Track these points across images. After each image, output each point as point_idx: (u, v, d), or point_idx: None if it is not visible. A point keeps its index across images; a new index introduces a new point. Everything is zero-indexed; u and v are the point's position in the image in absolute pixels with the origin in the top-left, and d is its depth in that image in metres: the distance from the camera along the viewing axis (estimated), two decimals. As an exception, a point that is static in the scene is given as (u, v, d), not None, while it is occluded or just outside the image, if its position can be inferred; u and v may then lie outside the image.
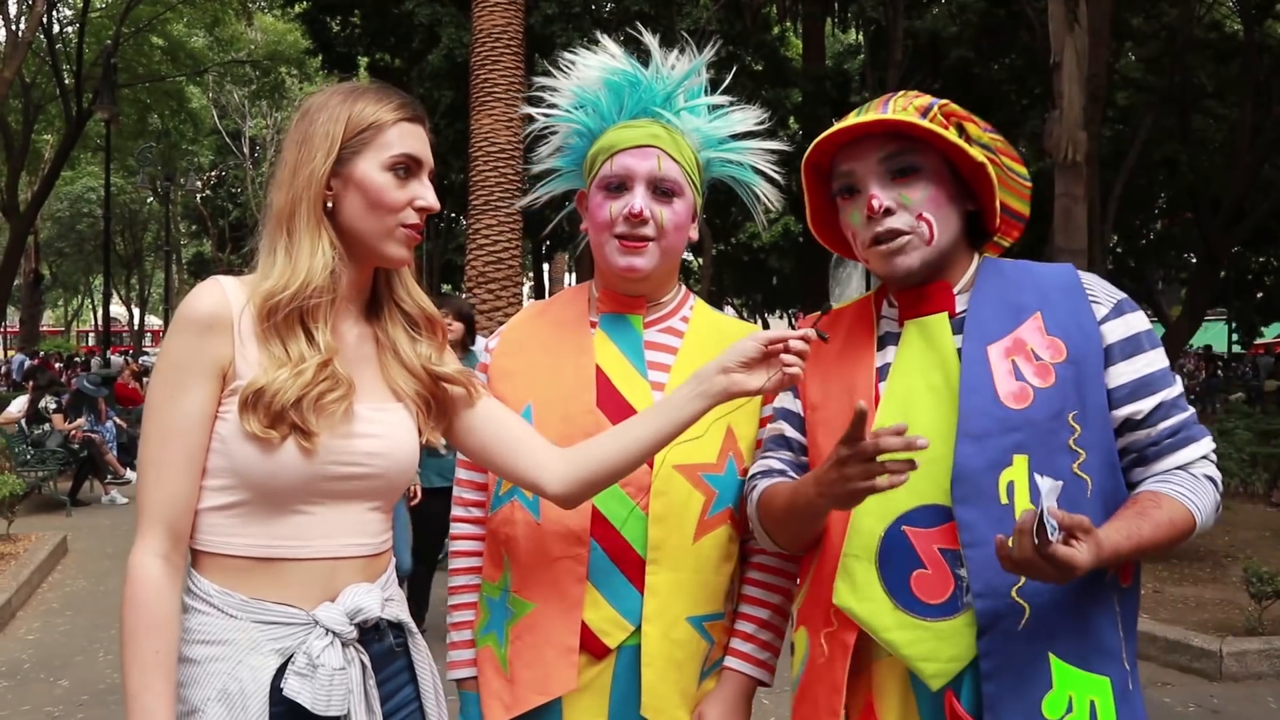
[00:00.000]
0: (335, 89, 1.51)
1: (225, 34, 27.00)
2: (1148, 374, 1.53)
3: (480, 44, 13.60)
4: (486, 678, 1.74)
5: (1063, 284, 1.59)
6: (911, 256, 1.56)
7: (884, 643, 1.51)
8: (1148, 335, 1.56)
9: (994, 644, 1.45)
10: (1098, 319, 1.55)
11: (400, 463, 1.50)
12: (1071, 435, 1.49)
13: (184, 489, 1.38)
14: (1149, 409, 1.52)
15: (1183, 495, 1.48)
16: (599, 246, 1.75)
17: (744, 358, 1.52)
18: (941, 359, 1.56)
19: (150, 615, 1.34)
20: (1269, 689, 5.15)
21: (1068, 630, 1.47)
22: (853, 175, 1.60)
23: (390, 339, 1.54)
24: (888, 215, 1.56)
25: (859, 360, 1.64)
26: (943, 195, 1.58)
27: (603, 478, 1.56)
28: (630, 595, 1.67)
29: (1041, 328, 1.55)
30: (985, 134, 1.62)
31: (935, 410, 1.53)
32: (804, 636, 1.63)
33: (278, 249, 1.45)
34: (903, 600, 1.50)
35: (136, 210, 38.80)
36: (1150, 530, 1.42)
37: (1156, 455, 1.52)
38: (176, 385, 1.38)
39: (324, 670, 1.37)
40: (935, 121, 1.57)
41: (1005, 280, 1.61)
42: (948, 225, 1.59)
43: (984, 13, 19.05)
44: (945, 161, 1.59)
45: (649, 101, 1.75)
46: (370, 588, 1.46)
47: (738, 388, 1.52)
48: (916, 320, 1.61)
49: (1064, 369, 1.51)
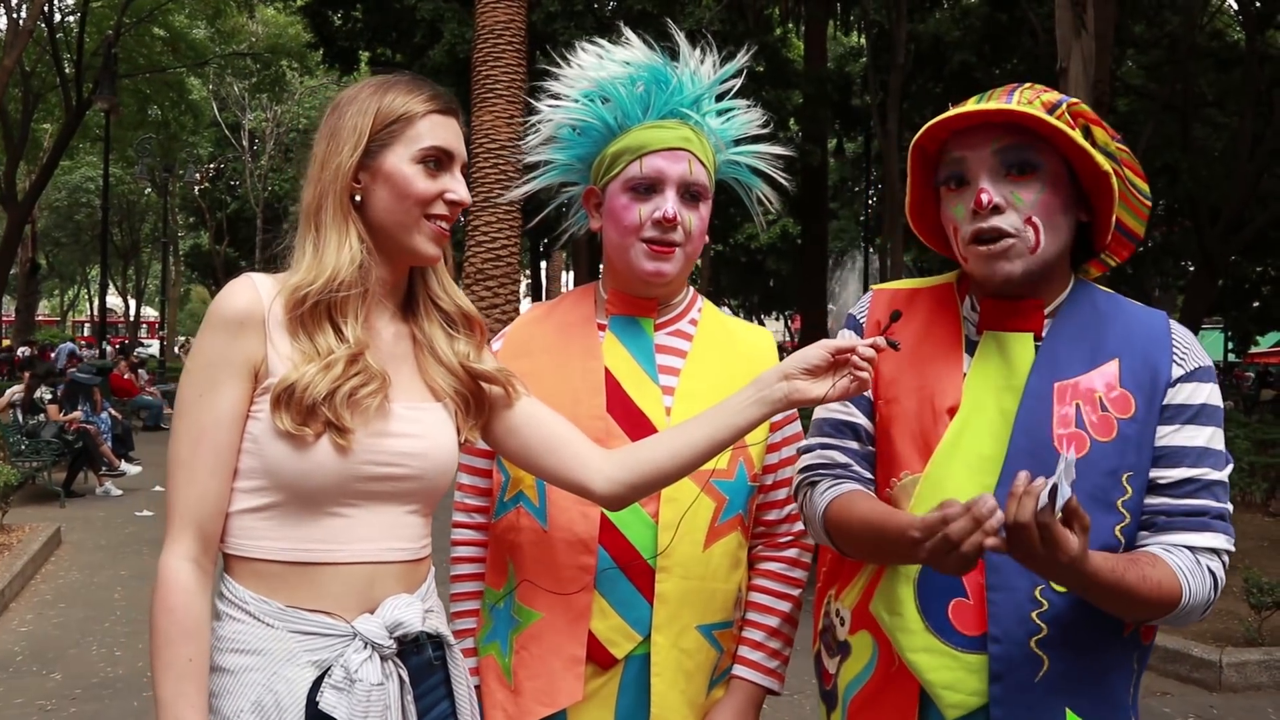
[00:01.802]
0: (368, 81, 1.48)
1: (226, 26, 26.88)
2: (1189, 445, 1.44)
3: (482, 40, 13.59)
4: (490, 688, 1.71)
5: (1151, 333, 1.49)
6: (1015, 263, 1.44)
7: (908, 662, 1.46)
8: (1210, 410, 1.46)
9: (1007, 692, 1.40)
10: (1172, 378, 1.45)
11: (439, 464, 1.45)
12: (1122, 496, 1.42)
13: (215, 490, 1.35)
14: (1175, 479, 1.43)
15: (1180, 569, 1.39)
16: (623, 249, 1.70)
17: (808, 364, 1.46)
18: (1016, 384, 1.47)
19: (183, 621, 1.31)
20: (1269, 700, 5.14)
21: (1086, 686, 1.43)
22: (964, 164, 1.47)
23: (427, 336, 1.50)
24: (995, 213, 1.44)
25: (945, 362, 1.53)
26: (1057, 201, 1.46)
27: (653, 481, 1.51)
28: (639, 604, 1.64)
29: (1115, 378, 1.45)
30: (1112, 142, 1.50)
31: (1003, 439, 1.45)
32: (868, 640, 1.55)
33: (306, 244, 1.42)
34: (936, 624, 1.44)
35: (134, 201, 38.72)
36: (1135, 579, 1.34)
37: (1167, 526, 1.43)
38: (208, 384, 1.35)
39: (362, 685, 1.33)
40: (1062, 120, 1.44)
41: (1095, 314, 1.51)
42: (1056, 235, 1.46)
43: (987, 17, 19.04)
44: (1065, 165, 1.47)
45: (679, 103, 1.71)
46: (410, 599, 1.42)
47: (799, 395, 1.47)
48: (996, 335, 1.51)
49: (1128, 426, 1.43)
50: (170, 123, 27.23)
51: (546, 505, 1.66)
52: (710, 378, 1.71)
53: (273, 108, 35.01)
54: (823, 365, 1.46)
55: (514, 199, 2.17)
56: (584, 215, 1.83)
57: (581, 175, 1.82)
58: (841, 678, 1.60)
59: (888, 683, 1.52)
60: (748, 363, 1.72)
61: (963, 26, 19.57)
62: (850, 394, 1.45)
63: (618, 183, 1.70)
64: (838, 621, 1.62)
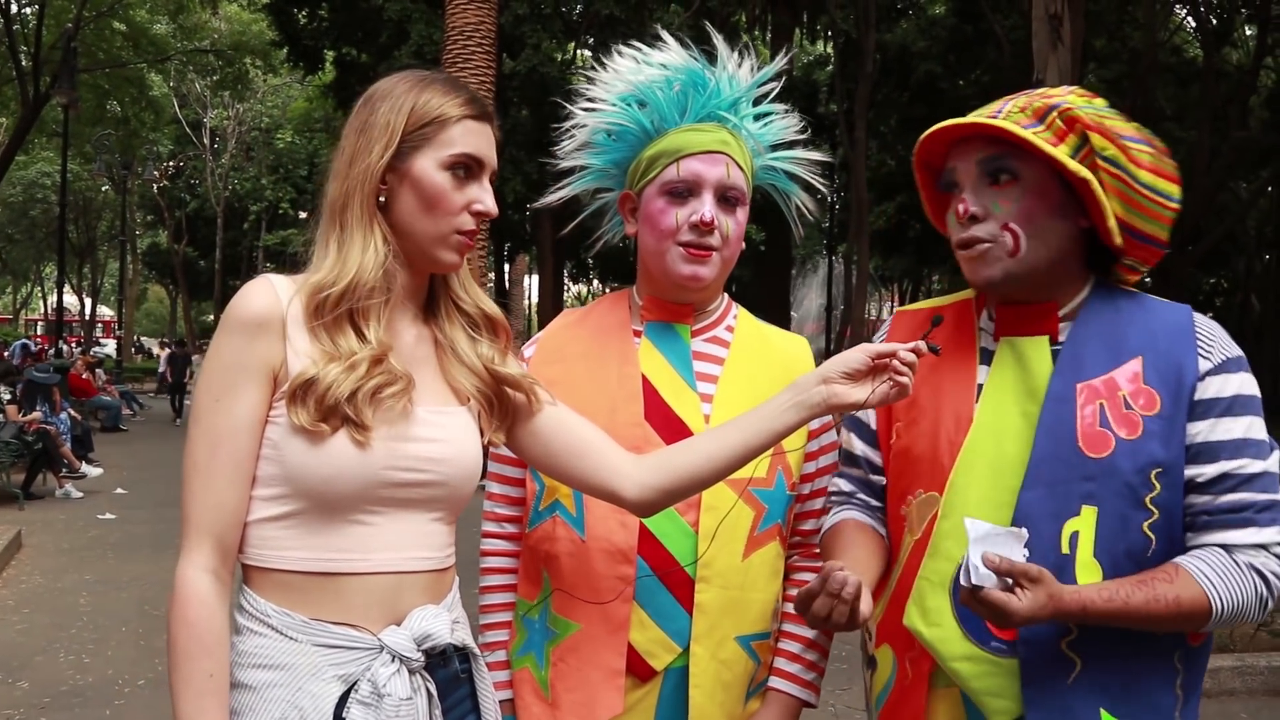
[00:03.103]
0: (403, 75, 1.43)
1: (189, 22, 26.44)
2: (1226, 439, 1.42)
3: (452, 41, 13.51)
4: (525, 701, 1.68)
5: (1175, 328, 1.48)
6: (993, 267, 1.49)
7: (950, 671, 1.46)
8: (1244, 400, 1.44)
9: (1039, 694, 1.41)
10: (1200, 372, 1.44)
11: (464, 470, 1.41)
12: (1150, 493, 1.42)
13: (233, 498, 1.31)
14: (1212, 475, 1.42)
15: (1203, 577, 1.37)
16: (659, 254, 1.68)
17: (848, 368, 1.44)
18: (1036, 388, 1.48)
19: (202, 635, 1.27)
20: (1241, 705, 5.22)
21: (1121, 687, 1.43)
22: (954, 173, 1.55)
23: (449, 339, 1.46)
24: (974, 221, 1.50)
25: (958, 374, 1.56)
26: (1041, 208, 1.48)
27: (686, 487, 1.48)
28: (678, 615, 1.62)
29: (1139, 374, 1.46)
30: (1112, 146, 1.47)
31: (1027, 442, 1.46)
32: (889, 654, 1.57)
33: (330, 242, 1.38)
34: (975, 632, 1.44)
35: (92, 198, 38.01)
36: (1142, 600, 1.34)
37: (1206, 526, 1.42)
38: (225, 388, 1.31)
39: (390, 700, 1.29)
40: (1053, 127, 1.47)
41: (1115, 313, 1.52)
42: (1044, 240, 1.49)
43: (953, 28, 19.30)
44: (1053, 172, 1.49)
45: (716, 106, 1.69)
46: (438, 611, 1.39)
47: (839, 400, 1.44)
48: (1011, 340, 1.54)
49: (1153, 422, 1.43)
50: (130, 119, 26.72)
51: (584, 515, 1.64)
52: (748, 385, 1.69)
53: (235, 106, 34.60)
54: (862, 369, 1.44)
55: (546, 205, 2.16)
56: (619, 222, 1.81)
57: (616, 181, 1.79)
58: (872, 691, 1.63)
59: (902, 695, 1.54)
60: (785, 370, 1.71)
61: (929, 37, 19.81)
62: (890, 400, 1.44)
63: (654, 186, 1.68)
64: (867, 636, 1.64)
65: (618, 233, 1.83)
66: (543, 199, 1.81)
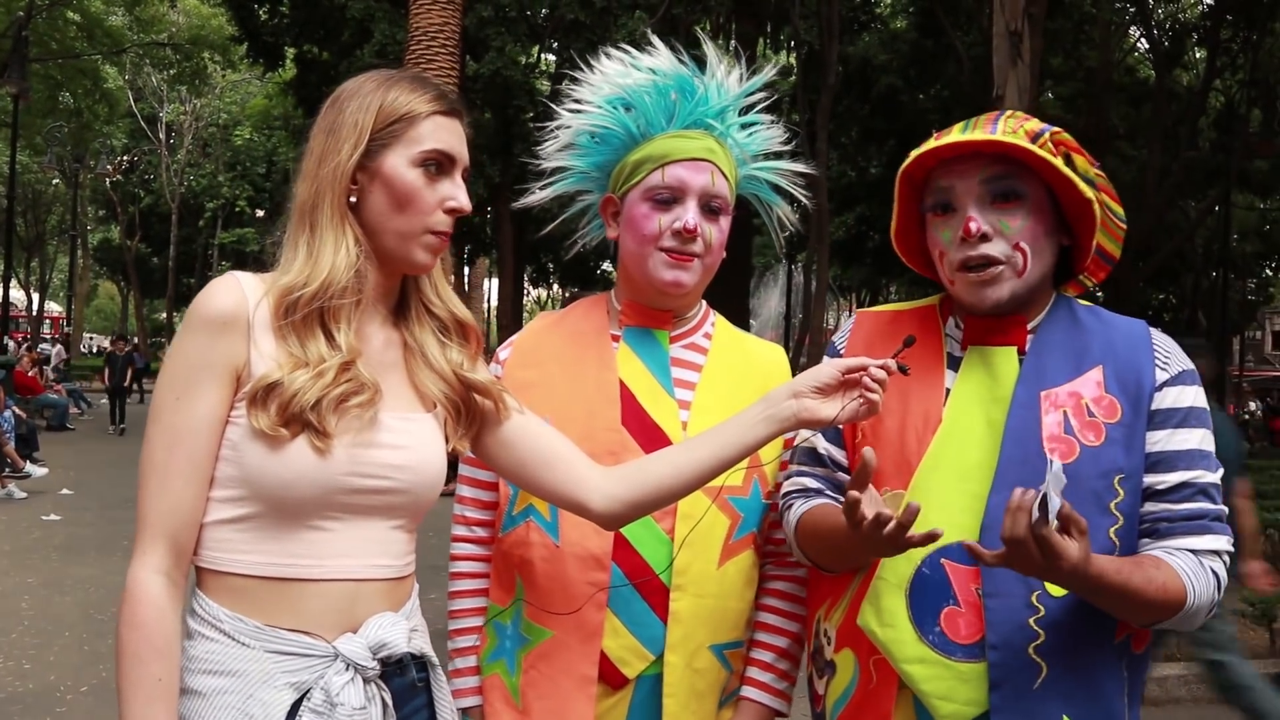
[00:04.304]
0: (370, 75, 1.41)
1: (146, 14, 26.02)
2: (1182, 449, 1.48)
3: (416, 42, 13.39)
4: (495, 708, 1.66)
5: (1133, 340, 1.54)
6: (1002, 288, 1.50)
7: (902, 673, 1.47)
8: (1198, 413, 1.50)
9: (1007, 700, 1.42)
10: (1157, 382, 1.50)
11: (427, 478, 1.39)
12: (1114, 499, 1.46)
13: (189, 499, 1.28)
14: (1172, 483, 1.47)
15: (1183, 571, 1.42)
16: (641, 258, 1.67)
17: (819, 383, 1.44)
18: (1002, 396, 1.51)
19: (153, 638, 1.24)
20: (1187, 713, 5.32)
21: (1083, 692, 1.45)
22: (951, 192, 1.53)
23: (419, 343, 1.44)
24: (984, 241, 1.50)
25: (926, 377, 1.57)
26: (1041, 227, 1.52)
27: (655, 499, 1.48)
28: (652, 623, 1.61)
29: (1101, 383, 1.50)
30: (1092, 169, 1.56)
31: (990, 448, 1.49)
32: (850, 659, 1.57)
33: (299, 243, 1.35)
34: (929, 634, 1.46)
35: (41, 191, 37.29)
36: (1140, 581, 1.38)
37: (1169, 532, 1.47)
38: (186, 386, 1.28)
39: (343, 709, 1.27)
40: (1045, 149, 1.49)
41: (1076, 325, 1.56)
42: (1041, 259, 1.52)
43: (914, 43, 19.52)
44: (1048, 192, 1.53)
45: (704, 113, 1.68)
46: (395, 618, 1.36)
47: (809, 414, 1.44)
48: (980, 349, 1.56)
49: (1116, 429, 1.47)
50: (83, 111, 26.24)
51: (559, 520, 1.63)
52: (726, 392, 1.69)
53: (192, 101, 34.11)
54: (833, 384, 1.45)
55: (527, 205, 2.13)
56: (598, 225, 1.80)
57: (598, 184, 1.78)
58: (829, 697, 1.61)
59: (866, 699, 1.53)
60: (762, 377, 1.71)
61: (891, 51, 20.02)
62: (860, 417, 1.44)
63: (638, 191, 1.67)
64: (825, 641, 1.63)
65: (596, 236, 1.82)
66: (523, 200, 1.79)
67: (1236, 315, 28.71)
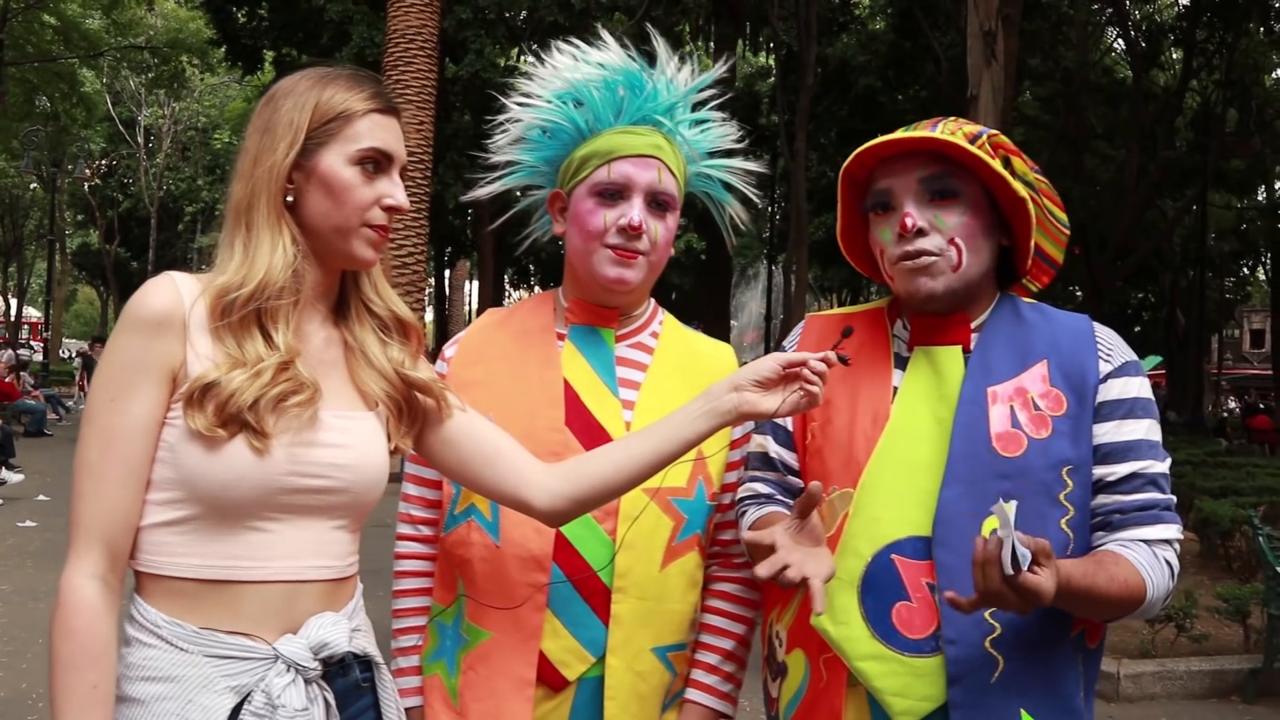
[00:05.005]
0: (306, 73, 1.40)
1: (123, 17, 25.89)
2: (1131, 440, 1.50)
3: (394, 44, 13.39)
4: (434, 709, 1.65)
5: (1076, 335, 1.56)
6: (937, 280, 1.53)
7: (855, 670, 1.47)
8: (1143, 403, 1.53)
9: (966, 695, 1.43)
10: (1101, 374, 1.52)
11: (368, 476, 1.38)
12: (1063, 490, 1.47)
13: (125, 502, 1.26)
14: (1122, 474, 1.49)
15: (1140, 564, 1.44)
16: (585, 255, 1.66)
17: (759, 377, 1.44)
18: (948, 394, 1.53)
19: (87, 645, 1.22)
20: (1162, 709, 5.35)
21: (1040, 686, 1.46)
22: (890, 192, 1.56)
23: (359, 342, 1.43)
24: (920, 236, 1.53)
25: (874, 377, 1.59)
26: (978, 225, 1.54)
27: (597, 495, 1.47)
28: (593, 625, 1.59)
29: (1046, 377, 1.52)
30: (1031, 172, 1.59)
31: (938, 445, 1.50)
32: (801, 659, 1.57)
33: (235, 243, 1.34)
34: (881, 631, 1.46)
35: (19, 195, 37.02)
36: (1105, 580, 1.39)
37: (1122, 524, 1.49)
38: (121, 388, 1.26)
39: (285, 711, 1.25)
40: (983, 150, 1.52)
41: (1019, 321, 1.58)
42: (978, 256, 1.55)
43: (892, 44, 19.60)
44: (985, 192, 1.55)
45: (652, 109, 1.67)
46: (336, 618, 1.35)
47: (750, 408, 1.44)
48: (926, 349, 1.58)
49: (1062, 422, 1.49)
50: (60, 115, 26.07)
51: (500, 520, 1.61)
52: (671, 392, 1.68)
53: (170, 104, 33.93)
54: (773, 378, 1.44)
55: (475, 198, 2.12)
56: (548, 220, 1.78)
57: (547, 179, 1.77)
58: (782, 699, 1.61)
59: (816, 698, 1.54)
60: (709, 377, 1.67)
61: (869, 52, 20.10)
62: (800, 409, 1.44)
63: (584, 187, 1.66)
64: (777, 644, 1.64)
65: (546, 231, 1.81)
66: (471, 193, 1.78)
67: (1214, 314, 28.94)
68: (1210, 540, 8.40)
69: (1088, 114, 20.51)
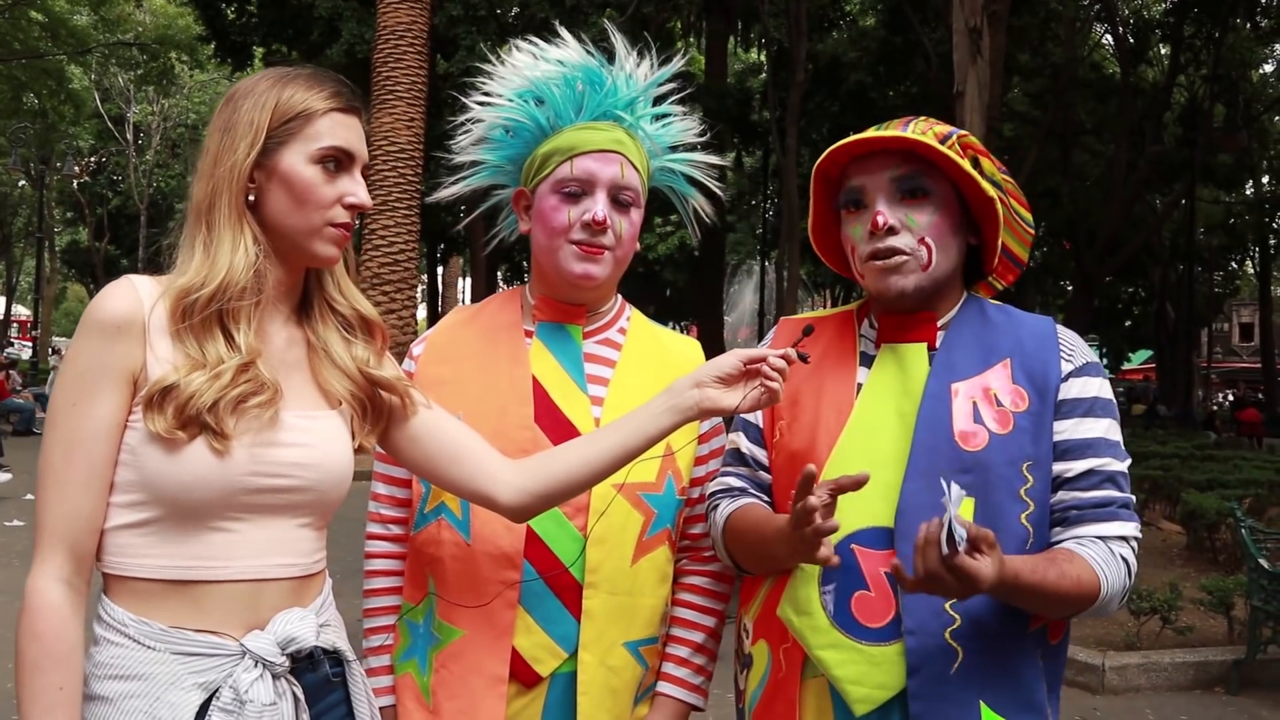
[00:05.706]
0: (266, 73, 1.40)
1: (111, 14, 25.75)
2: (1089, 437, 1.52)
3: (384, 41, 13.38)
4: (407, 709, 1.65)
5: (1039, 335, 1.59)
6: (908, 278, 1.55)
7: (814, 659, 1.50)
8: (1103, 403, 1.55)
9: (924, 686, 1.45)
10: (1063, 373, 1.55)
11: (331, 475, 1.38)
12: (1024, 485, 1.49)
13: (88, 505, 1.26)
14: (1079, 471, 1.51)
15: (1095, 562, 1.46)
16: (550, 251, 1.66)
17: (720, 373, 1.46)
18: (913, 389, 1.55)
19: (52, 647, 1.22)
20: (1146, 701, 5.38)
21: (999, 679, 1.47)
22: (862, 190, 1.58)
23: (322, 341, 1.43)
24: (890, 234, 1.55)
25: (840, 375, 1.62)
26: (947, 224, 1.57)
27: (561, 491, 1.49)
28: (565, 621, 1.60)
29: (1009, 374, 1.55)
30: (999, 173, 1.62)
31: (901, 439, 1.52)
32: (764, 650, 1.60)
33: (196, 244, 1.34)
34: (840, 619, 1.48)
35: (7, 193, 36.80)
36: (1055, 577, 1.40)
37: (1079, 520, 1.50)
38: (82, 392, 1.27)
39: (253, 706, 1.26)
40: (953, 150, 1.55)
41: (984, 321, 1.61)
42: (947, 255, 1.57)
43: (883, 40, 19.61)
44: (955, 191, 1.58)
45: (612, 105, 1.68)
46: (304, 613, 1.36)
47: (711, 404, 1.46)
48: (892, 346, 1.60)
49: (1023, 419, 1.52)
50: (48, 112, 25.92)
51: (470, 518, 1.62)
52: (639, 388, 1.68)
53: (159, 101, 33.79)
54: (735, 374, 1.47)
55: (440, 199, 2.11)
56: (514, 219, 1.79)
57: (512, 177, 1.78)
58: (747, 690, 1.64)
59: (776, 687, 1.57)
60: (677, 373, 1.67)
61: (859, 48, 20.11)
62: (761, 405, 1.47)
63: (547, 184, 1.66)
64: (745, 635, 1.66)
65: (513, 229, 1.82)
66: (436, 194, 1.79)
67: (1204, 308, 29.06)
68: (1197, 533, 8.45)
69: (1076, 109, 20.56)
